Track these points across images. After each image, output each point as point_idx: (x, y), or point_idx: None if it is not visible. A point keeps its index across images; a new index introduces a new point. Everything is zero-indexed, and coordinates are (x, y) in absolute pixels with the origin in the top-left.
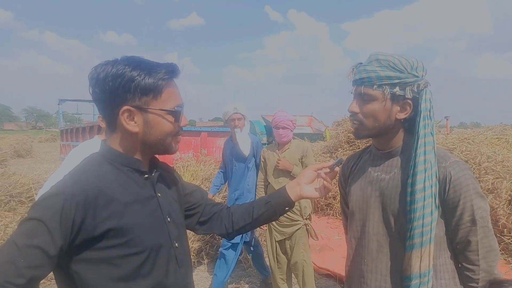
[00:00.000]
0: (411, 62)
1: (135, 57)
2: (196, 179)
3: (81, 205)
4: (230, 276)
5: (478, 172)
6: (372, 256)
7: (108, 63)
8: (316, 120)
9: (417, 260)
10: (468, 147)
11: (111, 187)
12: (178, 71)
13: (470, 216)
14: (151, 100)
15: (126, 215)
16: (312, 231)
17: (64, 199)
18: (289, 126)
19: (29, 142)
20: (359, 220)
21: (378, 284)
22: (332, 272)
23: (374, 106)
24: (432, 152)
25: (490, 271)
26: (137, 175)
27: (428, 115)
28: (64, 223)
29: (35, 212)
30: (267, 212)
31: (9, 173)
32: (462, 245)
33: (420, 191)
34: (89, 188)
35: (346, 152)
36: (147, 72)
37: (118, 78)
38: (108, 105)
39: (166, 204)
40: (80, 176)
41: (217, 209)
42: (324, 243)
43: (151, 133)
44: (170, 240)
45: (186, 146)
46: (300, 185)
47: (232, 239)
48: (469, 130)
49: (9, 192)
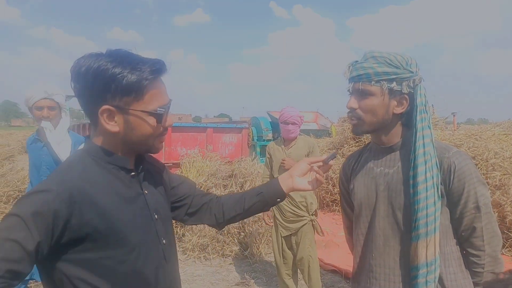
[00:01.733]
0: (405, 58)
1: (121, 51)
2: (202, 175)
3: (66, 204)
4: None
5: (486, 169)
6: (379, 250)
7: (92, 56)
8: (322, 116)
9: (423, 250)
10: (476, 143)
11: (97, 187)
12: (165, 69)
13: (475, 203)
14: (132, 100)
15: (113, 215)
16: (318, 227)
17: (47, 197)
18: (298, 122)
19: None
20: (366, 216)
21: (387, 277)
22: (337, 268)
23: (372, 102)
24: (431, 144)
25: (495, 255)
26: (123, 173)
27: (424, 109)
28: (45, 221)
29: (16, 208)
30: (259, 203)
31: (17, 168)
32: (468, 232)
33: (422, 183)
34: (74, 188)
35: (352, 148)
36: (131, 69)
37: (99, 76)
38: (88, 102)
39: (153, 201)
40: (66, 174)
41: (206, 200)
42: (329, 239)
43: (132, 133)
44: (157, 237)
45: (192, 142)
46: (293, 177)
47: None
48: (476, 126)
49: (18, 187)
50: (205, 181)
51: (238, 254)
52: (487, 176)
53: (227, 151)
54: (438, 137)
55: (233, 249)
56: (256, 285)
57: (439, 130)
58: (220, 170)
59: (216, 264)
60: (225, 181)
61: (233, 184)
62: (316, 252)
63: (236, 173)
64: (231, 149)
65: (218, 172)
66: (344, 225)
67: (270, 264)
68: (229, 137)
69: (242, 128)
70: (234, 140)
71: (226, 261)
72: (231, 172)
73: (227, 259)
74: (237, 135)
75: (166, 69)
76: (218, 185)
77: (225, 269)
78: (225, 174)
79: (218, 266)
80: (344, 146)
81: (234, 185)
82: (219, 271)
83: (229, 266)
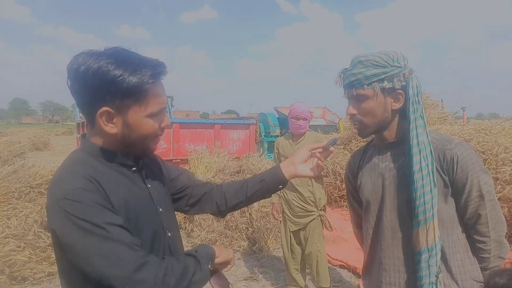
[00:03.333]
0: (391, 55)
1: (121, 51)
2: (210, 171)
3: (99, 190)
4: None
5: (495, 163)
6: (388, 242)
7: (92, 55)
8: (329, 112)
9: (424, 236)
10: (485, 137)
11: (109, 181)
12: (165, 71)
13: (478, 191)
14: (132, 103)
15: (127, 208)
16: (326, 222)
17: (86, 180)
18: (308, 118)
19: (46, 135)
20: (373, 210)
21: (396, 268)
22: (346, 263)
23: (369, 104)
24: (424, 134)
25: (500, 240)
26: (124, 169)
27: (416, 100)
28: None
29: (71, 206)
30: (261, 190)
31: (28, 165)
32: (473, 219)
33: (418, 172)
34: (92, 178)
35: (360, 143)
36: (131, 71)
37: (99, 77)
38: (86, 102)
39: (157, 194)
40: (77, 170)
41: (207, 189)
42: (338, 235)
43: (131, 135)
44: (163, 230)
45: (200, 138)
46: (295, 164)
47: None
48: (486, 121)
49: (29, 183)
50: (213, 177)
51: (246, 249)
52: (497, 171)
53: (234, 147)
54: (448, 132)
55: (241, 244)
56: (264, 280)
57: (448, 125)
58: (228, 166)
59: None
60: (233, 177)
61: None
62: (324, 247)
63: (244, 169)
64: (238, 145)
65: (226, 168)
66: (352, 220)
67: (278, 259)
68: (236, 133)
69: (249, 124)
70: (241, 136)
71: (235, 256)
72: (238, 168)
73: (235, 254)
74: (244, 131)
75: (167, 71)
76: (226, 181)
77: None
78: (233, 170)
79: None
80: (352, 141)
81: None
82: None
83: (238, 261)
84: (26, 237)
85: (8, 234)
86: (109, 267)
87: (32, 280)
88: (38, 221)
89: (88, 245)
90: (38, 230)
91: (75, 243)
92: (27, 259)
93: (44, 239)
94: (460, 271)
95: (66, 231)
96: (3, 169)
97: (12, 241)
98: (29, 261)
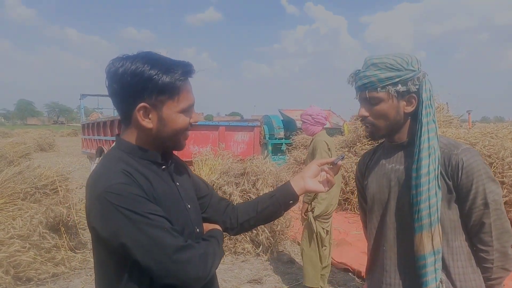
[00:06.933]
0: (405, 58)
1: (153, 54)
2: (214, 173)
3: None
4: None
5: (502, 167)
6: (390, 244)
7: (127, 59)
8: (334, 115)
9: (429, 240)
10: (491, 141)
11: (142, 177)
12: (194, 71)
13: (483, 199)
14: (166, 99)
15: (161, 203)
16: (312, 224)
17: (126, 174)
18: (306, 121)
19: (52, 136)
20: (378, 211)
21: (397, 269)
22: (350, 267)
23: (382, 107)
24: (435, 138)
25: (504, 251)
26: (155, 167)
27: (429, 104)
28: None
29: (116, 198)
30: (272, 206)
31: (33, 166)
32: (476, 227)
33: (425, 175)
34: (128, 173)
35: (365, 146)
36: (165, 71)
37: (137, 76)
38: (124, 101)
39: (185, 192)
40: (113, 167)
41: (223, 205)
42: (342, 238)
43: (164, 130)
44: (192, 225)
45: (204, 140)
46: (305, 179)
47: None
48: (492, 124)
49: (35, 184)
50: (217, 179)
51: (250, 252)
52: (503, 175)
53: (239, 149)
54: (453, 136)
55: (245, 247)
56: (268, 282)
57: (453, 128)
58: (232, 168)
59: (228, 262)
60: (237, 179)
61: (245, 182)
62: (308, 246)
63: (248, 171)
64: (243, 147)
65: (230, 170)
66: (362, 219)
67: (282, 262)
68: (241, 135)
69: (254, 126)
70: (246, 138)
71: (239, 258)
72: (243, 170)
73: (239, 257)
74: (249, 133)
75: (195, 71)
76: (230, 183)
77: (237, 267)
78: (237, 172)
79: (230, 264)
80: (357, 144)
81: (246, 183)
82: (231, 268)
83: (241, 263)
84: (31, 238)
85: (13, 235)
86: (151, 252)
87: (36, 281)
88: (43, 222)
89: (131, 232)
90: (43, 231)
91: (118, 230)
92: (32, 259)
93: (49, 240)
94: (460, 279)
95: (109, 221)
96: (8, 170)
97: (17, 241)
98: (34, 261)
